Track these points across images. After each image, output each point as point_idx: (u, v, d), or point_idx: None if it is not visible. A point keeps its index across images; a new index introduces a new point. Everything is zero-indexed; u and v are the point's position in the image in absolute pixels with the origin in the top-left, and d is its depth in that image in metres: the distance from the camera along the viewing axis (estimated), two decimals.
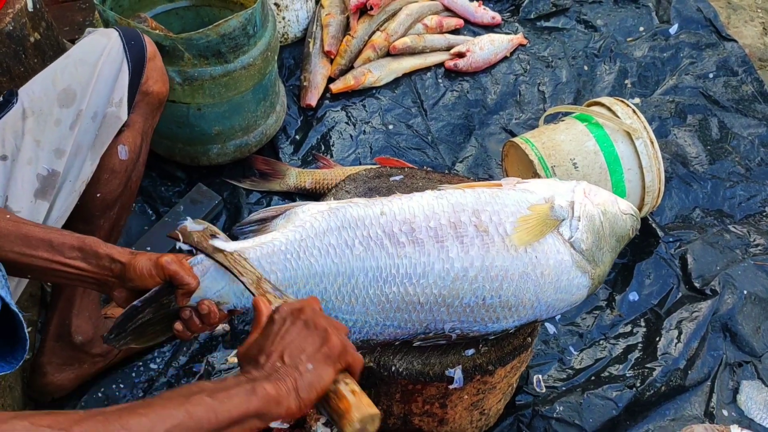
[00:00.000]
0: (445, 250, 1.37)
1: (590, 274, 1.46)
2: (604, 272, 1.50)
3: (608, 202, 1.51)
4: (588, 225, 1.44)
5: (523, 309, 1.43)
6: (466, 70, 2.81)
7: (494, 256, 1.38)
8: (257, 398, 1.00)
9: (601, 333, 2.09)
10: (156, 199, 2.36)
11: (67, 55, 1.59)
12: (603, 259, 1.48)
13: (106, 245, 1.30)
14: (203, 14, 2.50)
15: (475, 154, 2.57)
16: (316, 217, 1.39)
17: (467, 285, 1.38)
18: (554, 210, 1.43)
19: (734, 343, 2.05)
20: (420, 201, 1.43)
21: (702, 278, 2.18)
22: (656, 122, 2.63)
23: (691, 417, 1.91)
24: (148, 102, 1.66)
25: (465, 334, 1.45)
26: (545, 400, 1.93)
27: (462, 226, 1.39)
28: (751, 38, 3.09)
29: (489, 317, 1.42)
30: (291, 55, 2.83)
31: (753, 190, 2.46)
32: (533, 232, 1.40)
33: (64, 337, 1.79)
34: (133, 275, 1.28)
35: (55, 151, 1.51)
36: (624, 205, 1.54)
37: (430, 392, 1.53)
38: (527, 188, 1.48)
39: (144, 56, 1.62)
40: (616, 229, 1.50)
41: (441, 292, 1.38)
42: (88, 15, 2.88)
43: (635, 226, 1.56)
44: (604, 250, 1.47)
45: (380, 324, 1.39)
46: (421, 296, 1.38)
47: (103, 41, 1.59)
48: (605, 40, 2.95)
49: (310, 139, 2.59)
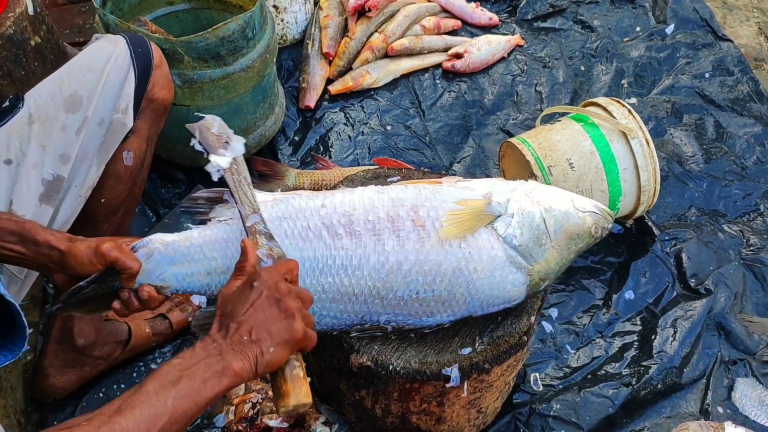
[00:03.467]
0: (381, 243, 1.40)
1: (526, 270, 1.46)
2: (548, 269, 1.49)
3: (556, 200, 1.50)
4: (522, 221, 1.45)
5: (456, 304, 1.44)
6: (463, 70, 2.82)
7: (428, 251, 1.40)
8: (226, 378, 1.10)
9: (598, 331, 2.11)
10: (156, 200, 2.37)
11: (74, 61, 1.60)
12: (545, 256, 1.47)
13: (44, 231, 1.33)
14: (202, 17, 2.51)
15: (473, 155, 2.59)
16: (259, 207, 1.41)
17: (401, 278, 1.40)
18: (489, 206, 1.45)
19: (728, 341, 2.07)
20: (361, 195, 1.46)
21: (696, 277, 2.20)
22: (653, 122, 2.65)
23: (686, 414, 1.93)
24: (154, 108, 1.66)
25: (400, 327, 1.47)
26: (542, 398, 1.95)
27: (399, 221, 1.42)
28: (747, 38, 3.11)
29: (423, 311, 1.44)
30: (289, 57, 2.85)
31: (748, 189, 2.48)
32: (463, 226, 1.42)
33: (66, 341, 1.81)
34: (72, 262, 1.31)
35: (61, 157, 1.52)
36: (582, 203, 1.52)
37: (428, 391, 1.55)
38: (468, 186, 1.51)
39: (150, 63, 1.63)
40: (566, 227, 1.48)
41: (375, 284, 1.40)
42: (88, 18, 2.89)
43: (601, 224, 1.53)
44: (545, 247, 1.47)
45: (317, 314, 1.42)
46: (356, 287, 1.40)
47: (110, 48, 1.60)
48: (602, 40, 2.96)
49: (309, 140, 2.61)
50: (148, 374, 1.18)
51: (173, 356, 1.15)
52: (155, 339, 2.00)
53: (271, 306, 1.17)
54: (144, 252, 1.37)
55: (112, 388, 1.95)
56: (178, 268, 1.38)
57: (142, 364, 2.00)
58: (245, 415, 1.80)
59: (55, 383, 1.85)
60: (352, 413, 1.76)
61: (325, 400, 1.85)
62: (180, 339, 2.05)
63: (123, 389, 1.95)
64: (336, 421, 1.83)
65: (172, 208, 2.33)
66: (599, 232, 1.54)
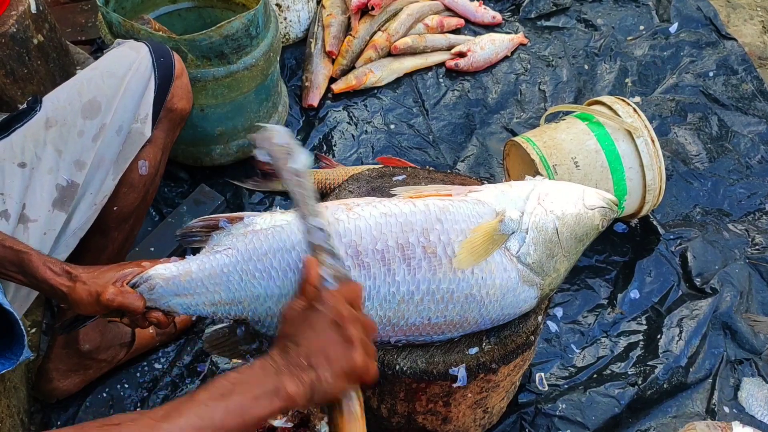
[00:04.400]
0: (392, 274, 1.35)
1: (539, 286, 1.44)
2: (558, 277, 1.48)
3: (567, 204, 1.45)
4: (537, 236, 1.41)
5: (467, 325, 1.44)
6: (467, 69, 2.82)
7: (440, 279, 1.37)
8: (279, 400, 1.04)
9: (603, 331, 2.10)
10: (159, 200, 2.37)
11: (95, 66, 1.57)
12: (556, 267, 1.45)
13: (43, 266, 1.29)
14: (206, 15, 2.50)
15: (477, 154, 2.58)
16: (259, 237, 1.35)
17: (413, 307, 1.38)
18: (503, 224, 1.40)
19: (734, 340, 2.06)
20: (368, 220, 1.38)
21: (702, 276, 2.19)
22: (657, 121, 2.64)
23: (692, 414, 1.92)
24: (172, 119, 1.64)
25: (410, 343, 1.47)
26: (548, 398, 1.95)
27: (410, 248, 1.36)
28: (751, 37, 3.10)
29: (434, 332, 1.44)
30: (293, 56, 2.84)
31: (753, 187, 2.47)
32: (477, 252, 1.38)
33: (71, 345, 1.80)
34: (75, 305, 1.30)
35: (76, 163, 1.50)
36: (592, 199, 1.49)
37: (434, 391, 1.54)
38: (479, 198, 1.44)
39: (172, 73, 1.61)
40: (577, 231, 1.46)
41: (386, 313, 1.38)
42: (90, 16, 2.89)
43: (607, 215, 1.51)
44: (557, 258, 1.44)
45: None
46: None
47: (132, 55, 1.57)
48: (605, 39, 2.96)
49: (312, 139, 2.60)
50: (201, 384, 1.13)
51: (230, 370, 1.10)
52: (159, 339, 1.99)
53: (331, 332, 1.11)
54: (146, 287, 1.34)
55: (115, 388, 1.94)
56: (182, 299, 1.35)
57: (146, 364, 2.00)
58: None
59: (60, 387, 1.85)
60: None
61: None
62: (183, 339, 2.05)
63: (127, 389, 1.95)
64: None
65: (175, 208, 2.32)
66: (605, 225, 1.53)
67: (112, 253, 1.71)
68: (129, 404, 1.93)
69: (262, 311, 1.35)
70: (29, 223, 1.47)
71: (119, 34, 2.04)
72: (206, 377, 1.97)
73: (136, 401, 1.93)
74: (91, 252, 1.67)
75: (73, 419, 1.89)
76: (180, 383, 1.96)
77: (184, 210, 2.29)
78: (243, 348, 1.41)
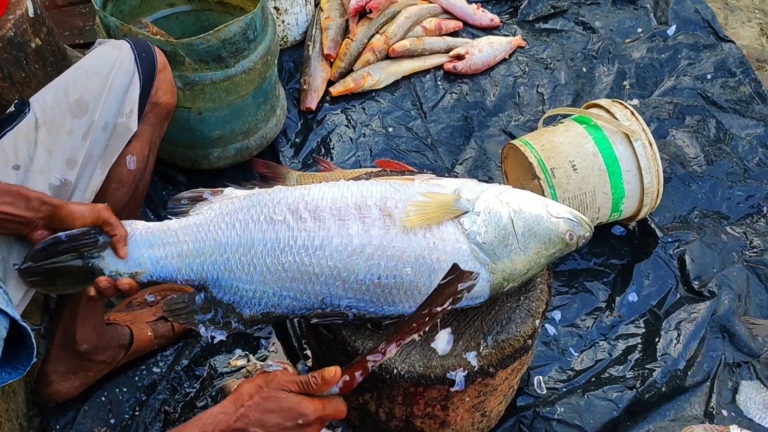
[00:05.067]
0: (346, 227, 1.42)
1: (489, 268, 1.45)
2: (513, 270, 1.48)
3: (527, 204, 1.50)
4: (489, 219, 1.46)
5: (417, 294, 1.43)
6: (465, 72, 2.82)
7: (393, 237, 1.41)
8: None
9: (601, 334, 2.10)
10: (157, 203, 2.37)
11: (79, 66, 1.59)
12: (510, 257, 1.47)
13: (35, 191, 1.37)
14: (203, 19, 2.50)
15: (475, 156, 2.58)
16: (233, 201, 1.48)
17: (363, 261, 1.41)
18: (457, 201, 1.46)
19: (733, 343, 2.06)
20: (332, 188, 1.49)
21: (700, 279, 2.19)
22: (655, 123, 2.64)
23: (691, 417, 1.92)
24: (157, 113, 1.67)
25: (361, 315, 1.46)
26: (546, 401, 1.95)
27: (366, 209, 1.45)
28: (749, 39, 3.10)
29: (384, 299, 1.44)
30: (290, 59, 2.84)
31: (751, 190, 2.47)
32: (427, 216, 1.43)
33: (68, 346, 1.80)
34: (63, 214, 1.36)
35: (68, 162, 1.52)
36: (557, 209, 1.52)
37: (432, 394, 1.54)
38: (439, 183, 1.52)
39: (155, 68, 1.64)
40: (536, 230, 1.48)
41: (337, 265, 1.41)
42: (88, 20, 2.89)
43: (577, 231, 1.52)
44: (512, 247, 1.47)
45: (277, 294, 1.44)
46: (316, 267, 1.41)
47: (115, 53, 1.60)
48: (603, 41, 2.96)
49: (310, 142, 2.60)
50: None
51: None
52: (157, 342, 1.99)
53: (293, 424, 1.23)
54: (129, 230, 1.44)
55: (114, 392, 1.94)
56: (153, 252, 1.44)
57: (144, 368, 2.00)
58: None
59: (59, 389, 1.84)
60: (356, 417, 1.75)
61: None
62: (182, 342, 2.04)
63: (125, 393, 1.95)
64: (339, 425, 1.83)
65: None
66: (574, 240, 1.52)
67: None
68: (127, 408, 1.92)
69: (221, 263, 1.43)
70: None
71: (117, 38, 2.04)
72: (204, 381, 1.97)
73: (134, 405, 1.93)
74: None
75: (72, 423, 1.88)
76: (178, 387, 1.96)
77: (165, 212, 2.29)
78: (198, 318, 1.47)
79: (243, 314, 1.46)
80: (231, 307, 1.45)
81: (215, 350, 2.03)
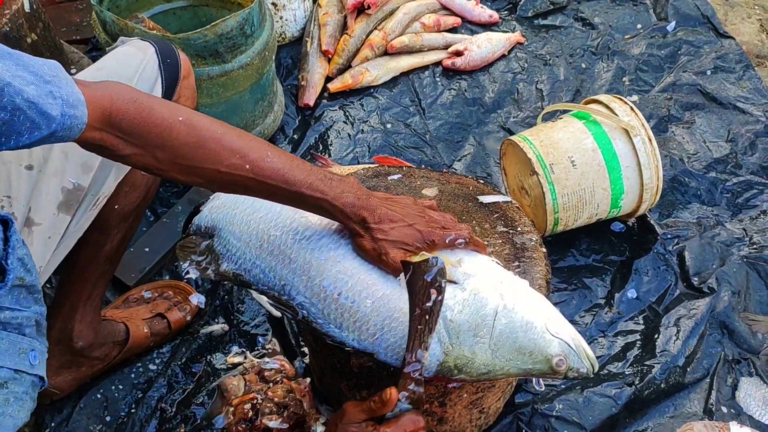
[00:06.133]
0: (338, 239, 1.42)
1: (444, 348, 1.29)
2: (469, 364, 1.30)
3: (525, 306, 1.30)
4: (470, 301, 1.30)
5: (365, 330, 1.35)
6: (463, 68, 2.81)
7: (373, 268, 1.37)
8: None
9: (600, 330, 2.09)
10: (155, 200, 2.35)
11: (100, 66, 1.55)
12: (473, 348, 1.28)
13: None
14: (201, 14, 2.49)
15: (474, 153, 2.57)
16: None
17: (335, 271, 1.38)
18: (452, 269, 1.33)
19: (732, 340, 2.05)
20: None
21: (699, 275, 2.18)
22: (654, 119, 2.63)
23: (690, 414, 1.91)
24: None
25: (308, 320, 1.40)
26: (544, 398, 1.94)
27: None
28: (749, 35, 3.09)
29: (334, 317, 1.37)
30: (288, 55, 2.83)
31: (751, 186, 2.46)
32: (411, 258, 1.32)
33: (64, 342, 1.78)
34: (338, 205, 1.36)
35: (83, 165, 1.48)
36: (559, 328, 1.29)
37: (429, 391, 1.53)
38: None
39: (178, 74, 1.59)
40: (518, 336, 1.27)
41: (312, 260, 1.40)
42: (85, 15, 2.88)
43: (571, 363, 1.27)
44: (480, 341, 1.28)
45: (251, 261, 1.45)
46: (295, 253, 1.41)
47: (139, 56, 1.56)
48: (603, 37, 2.95)
49: (308, 138, 2.59)
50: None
51: None
52: (153, 339, 1.98)
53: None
54: None
55: (110, 389, 1.93)
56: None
57: (140, 365, 1.99)
58: (245, 416, 1.79)
59: (52, 384, 1.83)
60: None
61: (325, 401, 1.83)
62: (179, 339, 2.04)
63: (121, 390, 1.94)
64: None
65: (170, 208, 2.31)
66: (563, 368, 1.27)
67: (111, 250, 1.70)
68: (123, 405, 1.92)
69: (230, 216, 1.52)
70: (34, 226, 1.46)
71: (113, 33, 2.03)
72: (201, 378, 1.96)
73: (130, 402, 1.92)
74: (90, 248, 1.66)
75: (67, 421, 1.88)
76: (175, 384, 1.95)
77: (179, 210, 2.28)
78: (193, 258, 1.52)
79: (220, 266, 1.48)
80: (217, 256, 1.50)
81: (212, 347, 2.03)
